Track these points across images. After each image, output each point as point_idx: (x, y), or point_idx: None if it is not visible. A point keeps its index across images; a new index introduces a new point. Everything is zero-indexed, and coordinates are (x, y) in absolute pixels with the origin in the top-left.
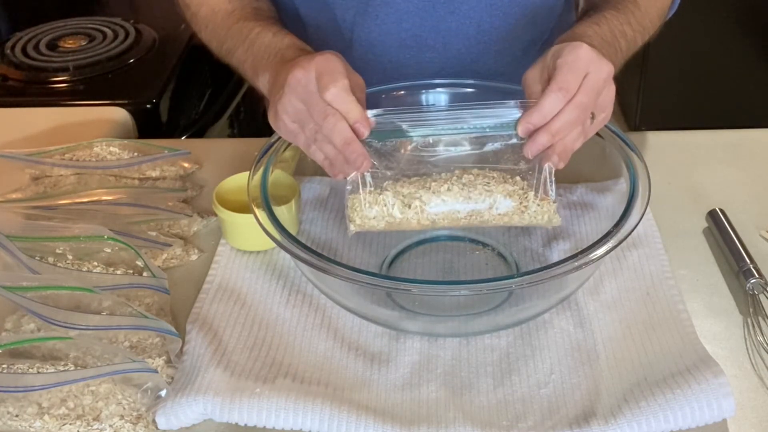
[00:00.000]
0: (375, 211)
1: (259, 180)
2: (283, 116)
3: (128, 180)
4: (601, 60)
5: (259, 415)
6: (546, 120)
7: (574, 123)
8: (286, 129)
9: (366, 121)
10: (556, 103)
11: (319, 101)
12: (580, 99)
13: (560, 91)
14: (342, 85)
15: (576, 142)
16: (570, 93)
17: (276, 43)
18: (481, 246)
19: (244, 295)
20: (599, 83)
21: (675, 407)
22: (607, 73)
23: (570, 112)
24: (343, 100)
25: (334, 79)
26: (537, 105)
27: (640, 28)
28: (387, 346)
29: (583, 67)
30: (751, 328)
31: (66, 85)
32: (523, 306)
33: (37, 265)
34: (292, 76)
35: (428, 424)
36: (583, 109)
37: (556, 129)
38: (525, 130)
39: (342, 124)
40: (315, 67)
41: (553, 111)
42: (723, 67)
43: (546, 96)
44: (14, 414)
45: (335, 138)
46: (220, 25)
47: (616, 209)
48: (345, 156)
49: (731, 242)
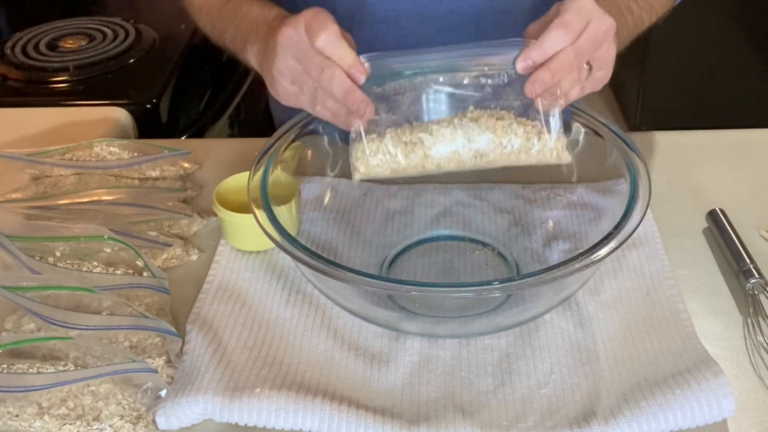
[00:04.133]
0: (378, 158)
1: (259, 180)
2: (280, 79)
3: (128, 180)
4: (604, 14)
5: (259, 415)
6: (546, 56)
7: (572, 65)
8: (286, 93)
9: (361, 66)
10: (557, 41)
11: (313, 53)
12: (580, 42)
13: (562, 28)
14: (332, 30)
15: (573, 89)
16: (572, 33)
17: (263, 14)
18: (481, 246)
19: (244, 295)
20: (600, 34)
21: (675, 407)
22: (608, 26)
23: (569, 52)
24: (335, 46)
25: (324, 26)
26: (537, 41)
27: (647, 6)
28: (387, 347)
29: (586, 15)
30: (751, 328)
31: (66, 85)
32: (523, 307)
33: (37, 265)
34: (282, 34)
35: (428, 424)
36: (581, 52)
37: (556, 68)
38: (524, 67)
39: (339, 74)
40: (303, 20)
41: (554, 48)
42: (723, 67)
43: (548, 32)
44: (14, 414)
45: (335, 89)
46: (213, 8)
47: (616, 210)
48: (347, 106)
49: (731, 242)
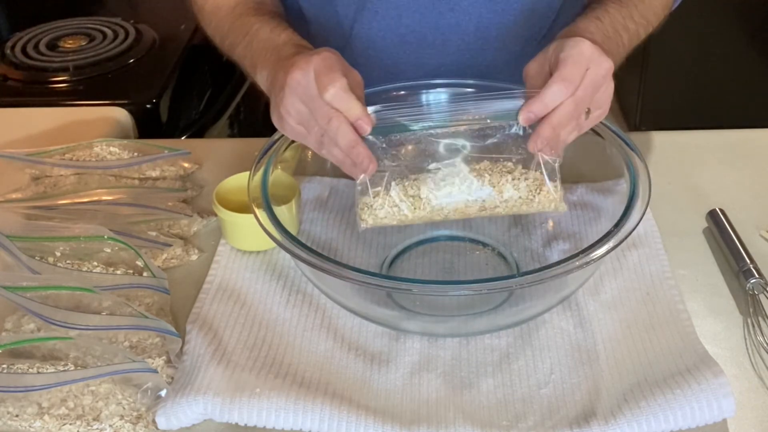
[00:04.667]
0: (385, 210)
1: (259, 180)
2: (287, 118)
3: (128, 180)
4: (602, 56)
5: (259, 415)
6: (547, 110)
7: (571, 117)
8: (293, 131)
9: (367, 117)
10: (558, 95)
11: (321, 103)
12: (580, 93)
13: (563, 82)
14: (341, 84)
15: (570, 136)
16: (573, 86)
17: (273, 39)
18: (481, 246)
19: (244, 295)
20: (598, 79)
21: (675, 407)
22: (606, 70)
23: (569, 104)
24: (343, 99)
25: (333, 79)
26: (539, 95)
27: (643, 21)
28: (387, 346)
29: (585, 61)
30: (751, 328)
31: (66, 85)
32: (523, 306)
33: (37, 265)
34: (291, 77)
35: (428, 424)
36: (581, 102)
37: (557, 122)
38: (526, 119)
39: (345, 127)
40: (313, 68)
41: (555, 102)
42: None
43: (549, 87)
44: (14, 414)
45: (339, 141)
46: (223, 20)
47: (616, 209)
48: (351, 159)
49: (731, 242)
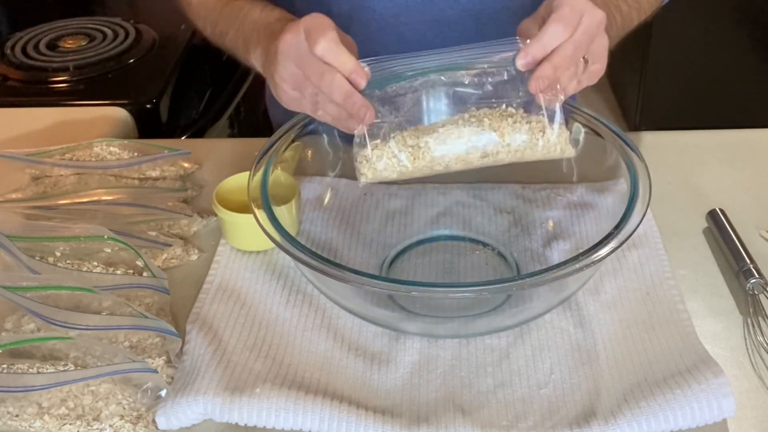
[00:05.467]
0: (384, 162)
1: (259, 180)
2: (282, 85)
3: (128, 180)
4: (595, 7)
5: (259, 415)
6: (546, 52)
7: (572, 59)
8: (289, 98)
9: (361, 70)
10: (556, 35)
11: (313, 59)
12: (578, 36)
13: (561, 22)
14: (331, 36)
15: (570, 84)
16: (570, 27)
17: (264, 17)
18: (481, 246)
19: (244, 295)
20: (593, 27)
21: (675, 407)
22: (600, 19)
23: (568, 46)
24: (334, 52)
25: (323, 32)
26: (537, 37)
27: (636, 5)
28: (387, 347)
29: (580, 8)
30: (751, 328)
31: (66, 85)
32: (523, 307)
33: (37, 265)
34: (282, 41)
35: (428, 424)
36: (579, 46)
37: (558, 62)
38: (525, 63)
39: (339, 78)
40: (303, 26)
41: (554, 43)
42: (723, 67)
43: (547, 27)
44: (14, 414)
45: (335, 94)
46: (212, 9)
47: (616, 209)
48: (347, 110)
49: (731, 242)
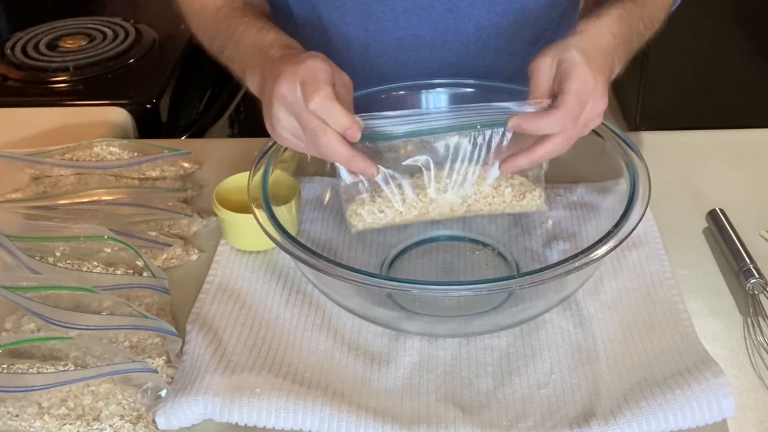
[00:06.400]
0: (375, 216)
1: (259, 180)
2: (279, 130)
3: (128, 180)
4: (603, 96)
5: (259, 415)
6: (537, 134)
7: (554, 154)
8: (287, 140)
9: (355, 125)
10: (554, 128)
11: (308, 116)
12: (572, 133)
13: (562, 115)
14: (325, 93)
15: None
16: (570, 120)
17: (260, 40)
18: (481, 246)
19: (244, 295)
20: (593, 116)
21: (675, 407)
22: (602, 109)
23: (558, 142)
24: (328, 109)
25: (317, 88)
26: (536, 118)
27: (650, 24)
28: (387, 347)
29: (586, 98)
30: (751, 328)
31: (66, 85)
32: (523, 306)
33: (37, 265)
34: (278, 90)
35: (428, 424)
36: (568, 142)
37: (538, 159)
38: (514, 128)
39: (335, 142)
40: (299, 77)
41: (548, 132)
42: (723, 67)
43: (549, 115)
44: (14, 414)
45: (334, 158)
46: (210, 22)
47: (616, 209)
48: (349, 168)
49: (731, 242)
